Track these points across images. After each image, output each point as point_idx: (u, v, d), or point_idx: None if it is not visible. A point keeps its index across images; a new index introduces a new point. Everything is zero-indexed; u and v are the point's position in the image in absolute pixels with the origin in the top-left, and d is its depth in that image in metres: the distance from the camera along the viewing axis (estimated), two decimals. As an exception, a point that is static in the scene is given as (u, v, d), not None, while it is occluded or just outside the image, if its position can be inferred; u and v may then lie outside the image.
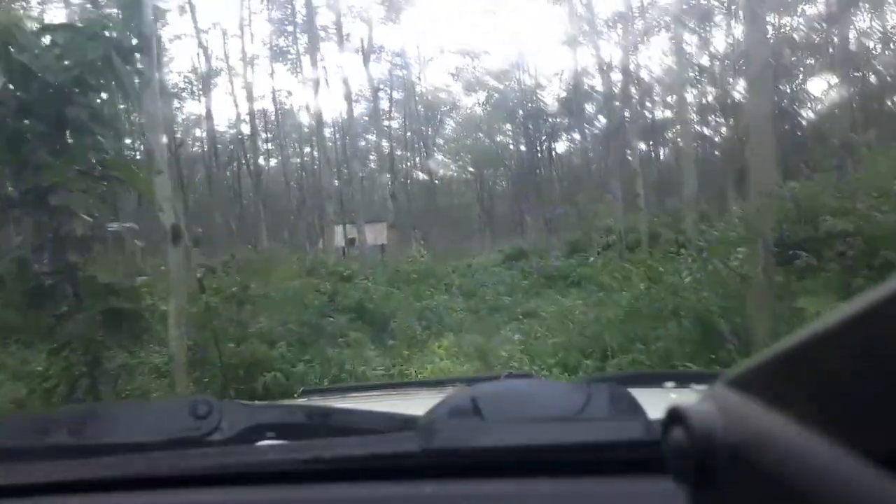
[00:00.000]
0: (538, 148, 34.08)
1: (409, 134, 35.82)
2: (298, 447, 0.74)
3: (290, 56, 30.38)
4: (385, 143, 33.59)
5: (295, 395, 1.96)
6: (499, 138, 36.63)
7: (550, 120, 32.95)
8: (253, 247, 19.39)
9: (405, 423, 0.76)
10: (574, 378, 5.26)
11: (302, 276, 10.63)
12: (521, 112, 33.74)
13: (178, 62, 29.34)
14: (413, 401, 1.48)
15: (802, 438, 0.29)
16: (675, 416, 0.36)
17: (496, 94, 35.25)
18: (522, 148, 35.49)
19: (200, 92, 28.53)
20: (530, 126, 33.47)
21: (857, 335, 0.28)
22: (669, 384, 1.32)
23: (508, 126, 35.97)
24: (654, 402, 0.69)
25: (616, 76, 23.05)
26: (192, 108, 31.29)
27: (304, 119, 30.41)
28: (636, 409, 0.72)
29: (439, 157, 39.58)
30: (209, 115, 27.60)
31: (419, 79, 35.70)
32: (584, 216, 16.03)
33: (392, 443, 0.73)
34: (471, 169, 37.44)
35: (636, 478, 0.64)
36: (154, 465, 0.73)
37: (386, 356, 7.21)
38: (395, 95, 34.85)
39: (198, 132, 30.69)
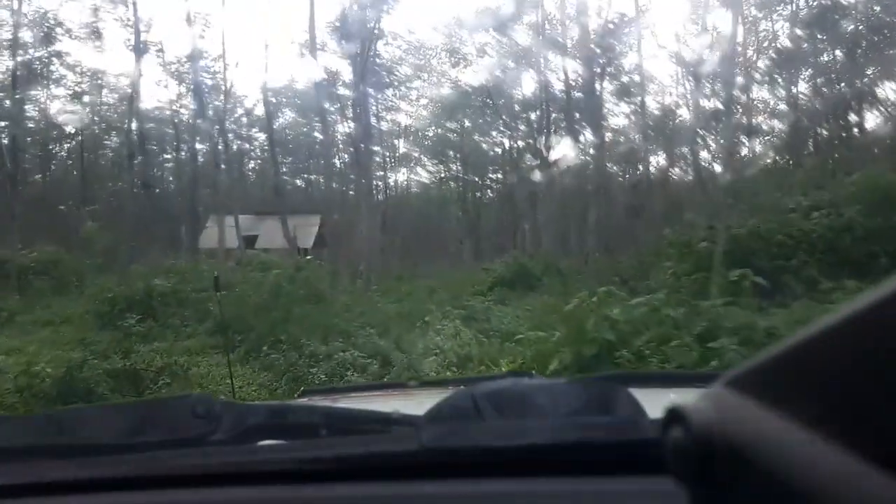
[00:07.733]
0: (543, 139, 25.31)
1: (371, 115, 26.85)
2: (298, 447, 0.78)
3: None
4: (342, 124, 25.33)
5: (295, 395, 2.00)
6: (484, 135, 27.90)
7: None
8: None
9: (405, 423, 0.79)
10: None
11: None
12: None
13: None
14: (413, 401, 1.45)
15: (801, 438, 0.29)
16: (674, 416, 0.36)
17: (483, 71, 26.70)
18: (519, 139, 26.90)
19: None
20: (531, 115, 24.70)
21: (857, 336, 0.28)
22: (669, 384, 1.36)
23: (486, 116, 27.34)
24: (654, 402, 0.67)
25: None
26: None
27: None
28: (636, 409, 0.73)
29: (407, 147, 30.90)
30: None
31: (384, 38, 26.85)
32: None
33: (392, 443, 0.75)
34: (452, 162, 28.66)
35: (636, 477, 0.65)
36: (154, 465, 0.76)
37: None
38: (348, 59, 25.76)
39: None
